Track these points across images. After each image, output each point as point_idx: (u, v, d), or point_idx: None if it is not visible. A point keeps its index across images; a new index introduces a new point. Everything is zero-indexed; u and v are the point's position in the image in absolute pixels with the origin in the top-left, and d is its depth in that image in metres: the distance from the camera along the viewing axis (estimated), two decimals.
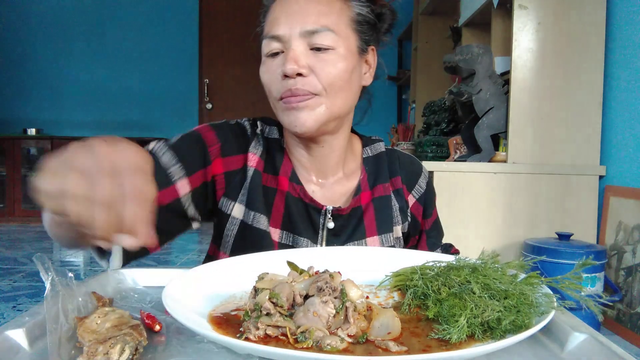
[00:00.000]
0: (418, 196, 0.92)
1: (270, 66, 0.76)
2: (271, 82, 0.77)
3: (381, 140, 0.95)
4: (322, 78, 0.74)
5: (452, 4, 3.24)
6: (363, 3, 0.80)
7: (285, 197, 0.82)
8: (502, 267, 0.58)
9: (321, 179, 0.86)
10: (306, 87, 0.73)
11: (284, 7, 0.76)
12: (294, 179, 0.83)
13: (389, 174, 0.90)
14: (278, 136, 0.86)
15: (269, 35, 0.76)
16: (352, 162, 0.89)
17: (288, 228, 0.82)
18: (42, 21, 5.19)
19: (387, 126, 3.99)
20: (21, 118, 5.16)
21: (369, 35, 0.81)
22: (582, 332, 0.48)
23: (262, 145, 0.85)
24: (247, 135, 0.85)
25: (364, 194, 0.86)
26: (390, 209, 0.87)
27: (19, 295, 2.45)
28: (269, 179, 0.83)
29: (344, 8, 0.77)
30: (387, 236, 0.86)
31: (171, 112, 5.24)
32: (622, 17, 2.02)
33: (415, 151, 2.88)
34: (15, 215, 4.79)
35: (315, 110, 0.75)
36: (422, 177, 0.93)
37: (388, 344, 0.45)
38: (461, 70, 2.11)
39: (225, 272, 0.63)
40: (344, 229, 0.84)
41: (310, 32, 0.73)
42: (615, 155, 2.04)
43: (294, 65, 0.72)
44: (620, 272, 1.90)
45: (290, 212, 0.82)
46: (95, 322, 0.49)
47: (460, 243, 1.00)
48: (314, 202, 0.82)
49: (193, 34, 5.19)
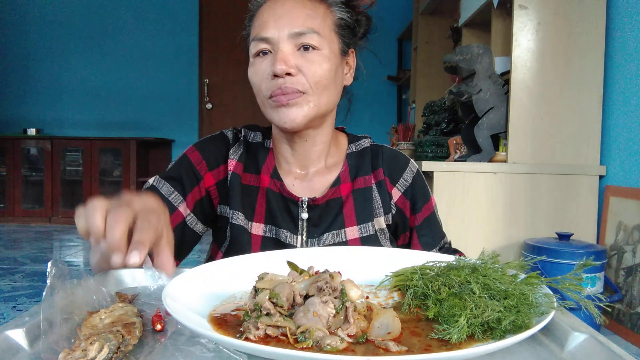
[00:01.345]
0: (403, 190, 0.93)
1: (260, 66, 0.82)
2: (261, 81, 0.82)
3: (368, 137, 0.98)
4: (309, 77, 0.80)
5: (452, 4, 3.24)
6: (343, 8, 0.86)
7: (266, 193, 0.89)
8: (502, 267, 0.58)
9: (303, 170, 0.92)
10: (295, 85, 0.79)
11: (272, 11, 0.81)
12: (275, 176, 0.90)
13: (371, 167, 0.93)
14: (261, 140, 0.94)
15: (258, 37, 0.81)
16: (335, 156, 0.94)
17: (270, 222, 0.89)
18: (42, 21, 5.19)
19: (387, 126, 3.99)
20: (21, 118, 5.17)
21: (349, 38, 0.88)
22: (582, 332, 0.48)
23: (242, 149, 0.92)
24: (228, 144, 0.93)
25: (343, 185, 0.91)
26: (370, 200, 0.91)
27: (19, 295, 2.45)
28: (251, 179, 0.91)
29: (327, 13, 0.84)
30: (366, 226, 0.89)
31: (171, 112, 5.24)
32: (622, 17, 2.02)
33: (415, 151, 2.88)
34: (15, 215, 4.80)
35: (304, 107, 0.81)
36: (408, 171, 0.94)
37: (388, 344, 0.45)
38: (461, 70, 2.11)
39: (225, 272, 0.63)
40: (322, 219, 0.89)
41: (298, 34, 0.79)
42: (615, 155, 2.04)
43: (283, 65, 0.77)
44: (620, 272, 1.90)
45: (271, 207, 0.89)
46: (100, 317, 0.49)
47: (460, 243, 1.00)
48: (291, 195, 0.88)
49: (193, 34, 5.19)
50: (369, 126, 5.11)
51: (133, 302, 0.59)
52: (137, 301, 0.60)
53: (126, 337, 0.45)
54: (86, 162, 4.79)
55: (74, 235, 4.28)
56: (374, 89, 5.06)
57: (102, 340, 0.43)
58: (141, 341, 0.49)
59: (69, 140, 4.84)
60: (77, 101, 5.23)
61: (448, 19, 3.53)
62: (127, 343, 0.45)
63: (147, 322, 0.53)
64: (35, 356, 0.46)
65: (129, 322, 0.48)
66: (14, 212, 4.80)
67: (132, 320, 0.49)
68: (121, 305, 0.53)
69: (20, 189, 4.80)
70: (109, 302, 0.57)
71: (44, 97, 5.23)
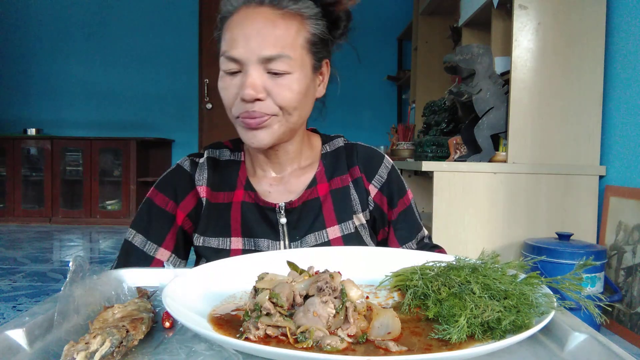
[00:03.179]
0: (380, 186, 0.93)
1: (229, 85, 0.79)
2: (229, 101, 0.80)
3: (341, 137, 0.98)
4: (279, 101, 0.78)
5: (452, 4, 3.24)
6: (318, 19, 0.81)
7: (240, 207, 0.88)
8: (502, 267, 0.58)
9: (279, 174, 0.92)
10: (263, 110, 0.77)
11: (242, 29, 0.77)
12: (248, 187, 0.90)
13: (347, 165, 0.93)
14: (229, 155, 0.94)
15: (226, 54, 0.78)
16: (309, 158, 0.94)
17: (247, 234, 0.87)
18: (41, 21, 5.19)
19: (387, 126, 3.99)
20: (21, 118, 5.17)
21: (322, 51, 0.84)
22: (582, 332, 0.48)
23: (206, 171, 0.91)
24: (188, 173, 0.92)
25: (320, 185, 0.90)
26: (348, 199, 0.91)
27: (19, 295, 2.45)
28: (224, 196, 0.90)
29: (300, 30, 0.79)
30: (346, 224, 0.90)
31: (171, 112, 5.24)
32: (622, 17, 2.02)
33: (415, 151, 2.88)
34: (15, 215, 4.80)
35: (273, 127, 0.80)
36: (383, 167, 0.94)
37: (388, 344, 0.45)
38: (461, 70, 2.11)
39: (225, 272, 0.63)
40: (302, 221, 0.88)
41: (267, 59, 0.76)
42: (615, 155, 2.04)
43: (252, 91, 0.75)
44: (620, 272, 1.90)
45: (246, 219, 0.88)
46: (113, 312, 0.50)
47: (460, 243, 1.00)
48: (267, 203, 0.88)
49: (193, 34, 5.19)
50: (369, 126, 5.11)
51: (151, 298, 0.59)
52: (155, 298, 0.60)
53: (130, 333, 0.45)
54: (86, 162, 4.79)
55: (74, 235, 4.29)
56: (374, 89, 5.07)
57: (105, 335, 0.43)
58: (150, 336, 0.50)
59: (69, 140, 4.84)
60: (77, 101, 5.23)
61: (448, 19, 3.53)
62: (131, 338, 0.46)
63: (160, 319, 0.54)
64: (36, 356, 0.46)
65: (137, 318, 0.49)
66: (14, 212, 4.80)
67: (140, 316, 0.49)
68: (136, 300, 0.54)
69: (20, 189, 4.80)
70: (128, 297, 0.58)
71: (44, 97, 5.23)
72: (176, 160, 5.38)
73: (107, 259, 3.34)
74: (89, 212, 4.79)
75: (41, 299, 2.39)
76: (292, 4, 0.78)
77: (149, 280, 0.68)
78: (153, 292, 0.61)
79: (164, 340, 0.49)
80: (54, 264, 3.15)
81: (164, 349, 0.47)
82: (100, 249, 3.76)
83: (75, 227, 4.66)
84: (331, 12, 0.83)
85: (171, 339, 0.50)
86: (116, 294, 0.58)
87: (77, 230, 4.48)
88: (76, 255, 0.54)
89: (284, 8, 0.78)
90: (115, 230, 4.51)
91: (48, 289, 2.56)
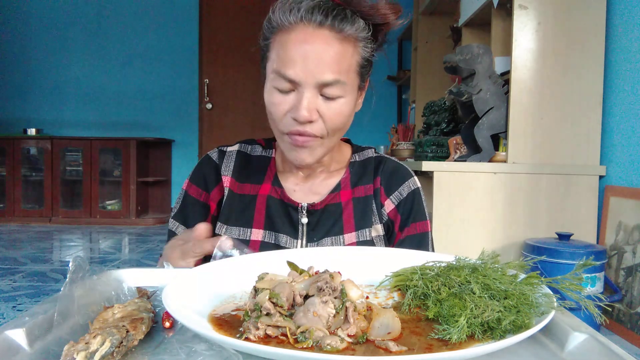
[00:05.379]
0: (397, 202, 0.92)
1: (281, 102, 0.79)
2: (278, 117, 0.80)
3: (372, 148, 0.99)
4: (329, 124, 0.80)
5: (452, 4, 3.24)
6: (369, 41, 0.82)
7: (266, 200, 0.91)
8: (502, 267, 0.58)
9: (306, 175, 0.94)
10: (314, 131, 0.79)
11: (301, 49, 0.76)
12: (276, 183, 0.92)
13: (373, 176, 0.94)
14: (261, 152, 0.97)
15: (281, 73, 0.77)
16: (337, 164, 0.95)
17: (270, 227, 0.90)
18: (41, 21, 5.19)
19: (387, 126, 3.99)
20: (21, 118, 5.17)
21: (367, 72, 0.86)
22: (582, 332, 0.48)
23: (232, 162, 0.95)
24: (215, 163, 0.95)
25: (343, 191, 0.92)
26: (369, 209, 0.91)
27: (19, 295, 2.45)
28: (250, 188, 0.93)
29: (354, 54, 0.80)
30: (363, 232, 0.90)
31: (171, 112, 5.24)
32: (622, 17, 2.02)
33: (415, 151, 2.88)
34: (15, 215, 4.80)
35: (317, 150, 0.83)
36: (406, 185, 0.93)
37: (388, 344, 0.45)
38: (461, 70, 2.11)
39: (225, 272, 0.63)
40: (321, 224, 0.90)
41: (324, 84, 0.77)
42: (615, 155, 2.04)
43: (307, 114, 0.76)
44: (620, 272, 1.90)
45: (270, 213, 0.90)
46: (113, 312, 0.50)
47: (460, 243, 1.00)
48: (292, 201, 0.90)
49: (193, 34, 5.19)
50: (369, 126, 5.11)
51: (151, 298, 0.59)
52: (155, 298, 0.60)
53: (130, 333, 0.45)
54: (86, 162, 4.79)
55: (74, 235, 4.29)
56: (374, 89, 5.05)
57: (105, 335, 0.43)
58: (150, 336, 0.50)
59: (69, 140, 4.84)
60: (77, 101, 5.23)
61: (448, 19, 3.53)
62: (131, 338, 0.46)
63: (160, 319, 0.54)
64: (36, 356, 0.46)
65: (137, 318, 0.48)
66: (14, 212, 4.80)
67: (140, 316, 0.49)
68: (136, 300, 0.54)
69: (20, 189, 4.80)
70: (128, 297, 0.58)
71: (44, 97, 5.22)
72: (176, 160, 5.37)
73: (107, 259, 3.34)
74: (89, 212, 4.79)
75: (41, 299, 2.39)
76: (349, 27, 0.78)
77: (149, 280, 0.68)
78: (153, 292, 0.61)
79: (164, 340, 0.49)
80: (54, 264, 3.15)
81: (164, 349, 0.47)
82: (100, 249, 3.76)
83: (75, 227, 4.66)
84: (379, 32, 0.83)
85: (171, 339, 0.50)
86: (116, 294, 0.58)
87: (77, 230, 4.48)
88: (76, 256, 0.54)
89: (342, 32, 0.77)
90: (115, 230, 4.51)
91: (48, 289, 2.56)
